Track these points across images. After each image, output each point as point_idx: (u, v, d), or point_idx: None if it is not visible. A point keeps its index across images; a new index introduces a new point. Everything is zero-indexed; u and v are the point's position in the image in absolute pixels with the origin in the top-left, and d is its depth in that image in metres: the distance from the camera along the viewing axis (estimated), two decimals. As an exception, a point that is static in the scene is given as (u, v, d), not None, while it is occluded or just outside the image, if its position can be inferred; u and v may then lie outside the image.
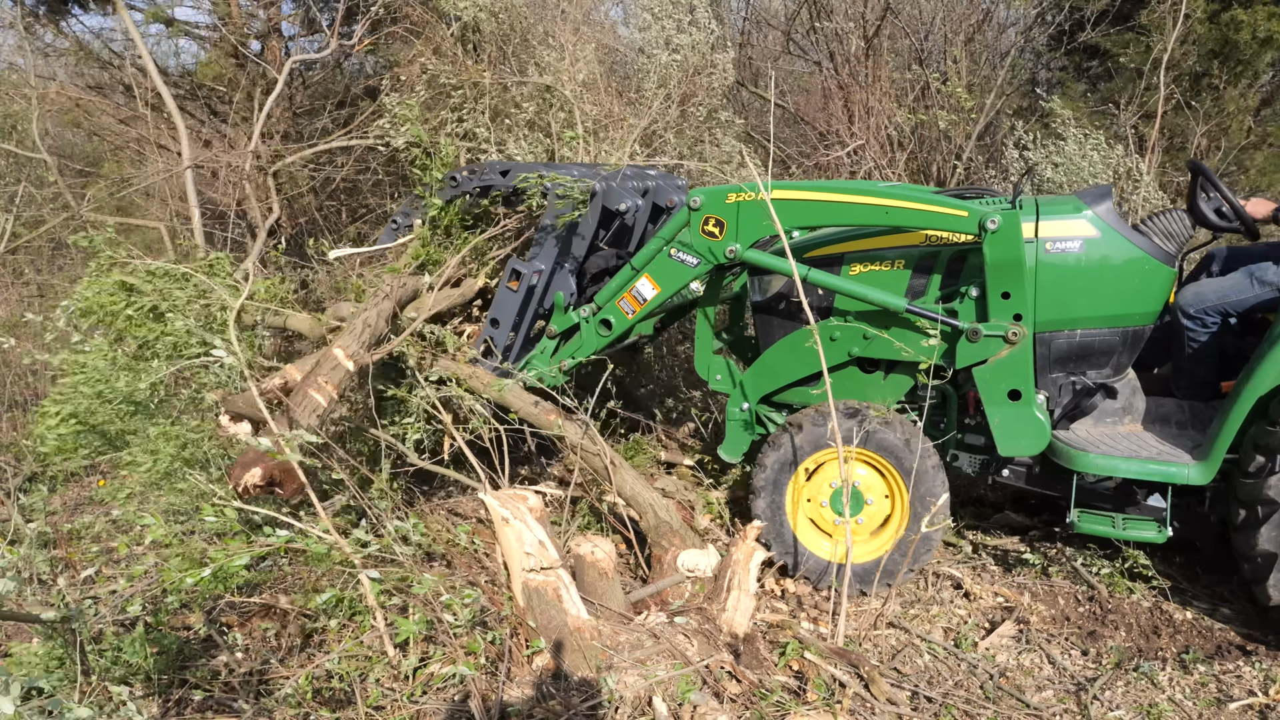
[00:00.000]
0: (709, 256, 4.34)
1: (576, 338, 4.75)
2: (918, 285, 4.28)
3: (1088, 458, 3.96)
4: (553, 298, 4.83)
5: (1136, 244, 4.02)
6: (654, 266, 4.48)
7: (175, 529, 3.54)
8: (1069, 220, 4.06)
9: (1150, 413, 4.31)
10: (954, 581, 4.47)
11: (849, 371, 4.45)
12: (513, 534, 3.36)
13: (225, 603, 3.91)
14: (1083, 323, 4.09)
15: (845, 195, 4.11)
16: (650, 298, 4.52)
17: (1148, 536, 4.00)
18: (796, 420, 4.31)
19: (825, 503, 4.33)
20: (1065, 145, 7.29)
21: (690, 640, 3.37)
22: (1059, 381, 4.23)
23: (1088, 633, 4.03)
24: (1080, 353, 4.16)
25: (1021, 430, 4.07)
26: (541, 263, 4.76)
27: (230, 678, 3.40)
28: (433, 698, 3.16)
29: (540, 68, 7.06)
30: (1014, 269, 3.88)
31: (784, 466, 4.29)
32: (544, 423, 4.41)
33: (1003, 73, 8.58)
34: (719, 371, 4.83)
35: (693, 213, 4.33)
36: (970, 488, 5.31)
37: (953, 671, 3.72)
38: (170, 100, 7.19)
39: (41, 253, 8.18)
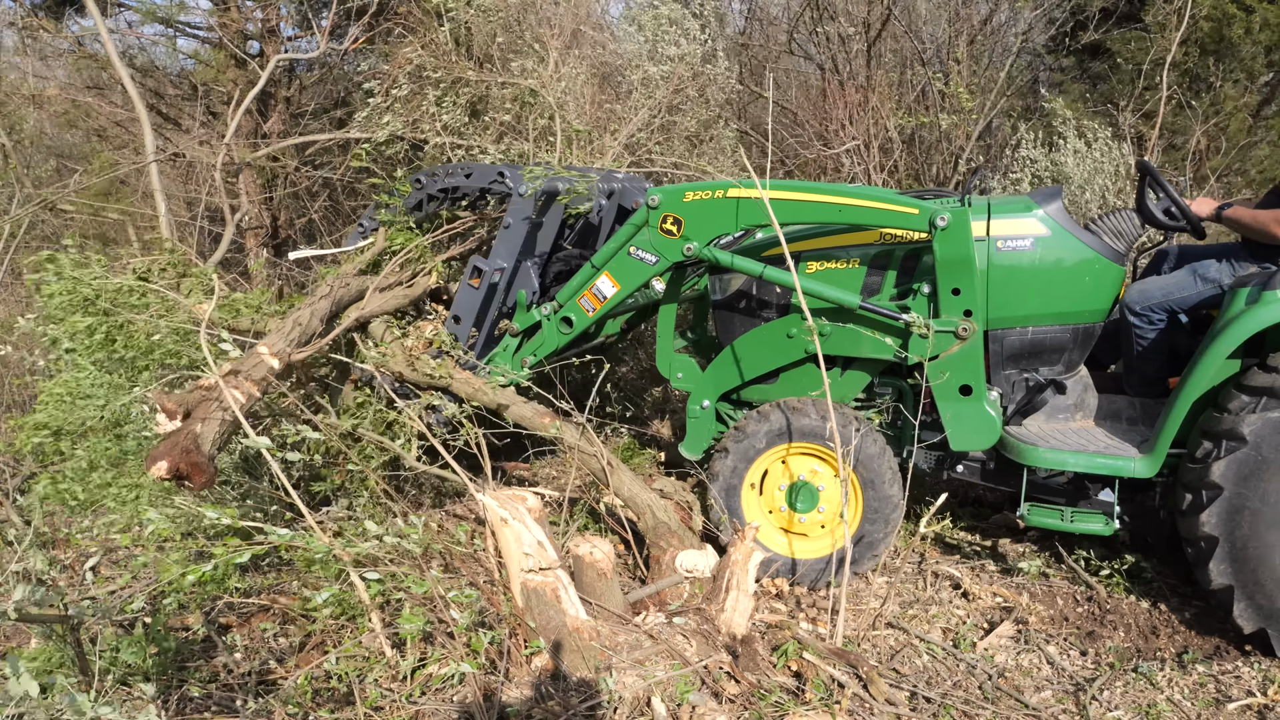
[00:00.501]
0: (667, 254, 4.40)
1: (538, 335, 4.79)
2: (873, 283, 4.36)
3: (1037, 452, 4.02)
4: (515, 296, 4.87)
5: (1087, 243, 4.10)
6: (614, 264, 4.53)
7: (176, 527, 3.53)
8: (1019, 219, 4.14)
9: (1102, 409, 4.38)
10: (953, 582, 4.47)
11: (806, 369, 4.52)
12: (511, 534, 3.36)
13: (224, 603, 3.91)
14: (1034, 320, 4.17)
15: (800, 194, 4.17)
16: (610, 295, 4.57)
17: (1095, 529, 4.05)
18: (754, 415, 4.39)
19: (782, 499, 4.41)
20: (1066, 144, 7.30)
21: (689, 641, 3.37)
22: (1012, 378, 4.31)
23: (1086, 633, 4.03)
24: (1032, 349, 4.23)
25: (973, 425, 4.14)
26: (503, 260, 4.79)
27: (230, 678, 3.40)
28: (431, 698, 3.16)
29: (526, 72, 7.07)
30: (963, 266, 3.95)
31: (741, 461, 4.39)
32: (540, 426, 4.42)
33: (1003, 73, 8.58)
34: (680, 370, 4.90)
35: (651, 211, 4.39)
36: (968, 488, 5.31)
37: (951, 672, 3.72)
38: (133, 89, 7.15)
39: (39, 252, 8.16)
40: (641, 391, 6.86)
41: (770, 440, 4.34)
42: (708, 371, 4.73)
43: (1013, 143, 7.86)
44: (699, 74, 7.85)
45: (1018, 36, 9.03)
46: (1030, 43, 9.26)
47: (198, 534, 3.83)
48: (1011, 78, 8.88)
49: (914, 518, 4.91)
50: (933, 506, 4.14)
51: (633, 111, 7.38)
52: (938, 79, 8.72)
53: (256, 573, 4.24)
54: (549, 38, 7.45)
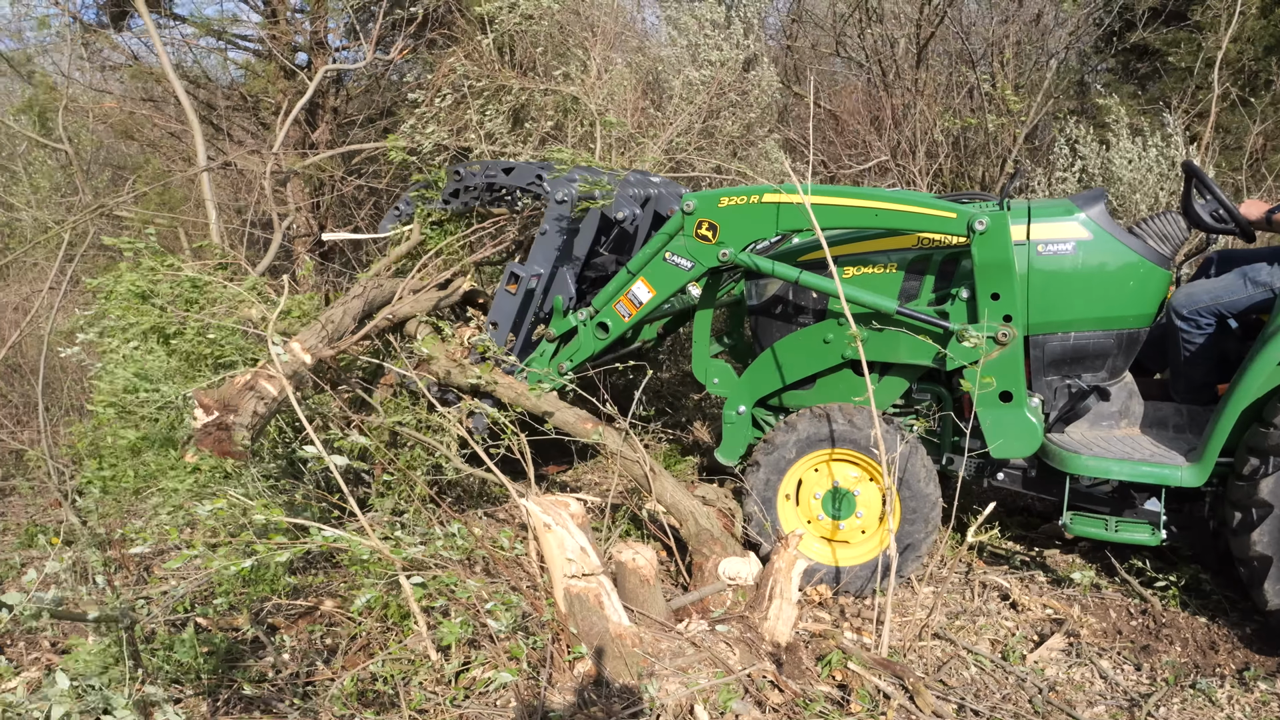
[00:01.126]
0: (702, 259, 4.38)
1: (574, 340, 4.79)
2: (910, 288, 4.31)
3: (1080, 460, 3.95)
4: (551, 301, 4.88)
5: (1130, 246, 4.02)
6: (649, 270, 4.52)
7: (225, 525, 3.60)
8: (1060, 222, 4.07)
9: (1147, 416, 4.29)
10: (1001, 592, 4.39)
11: (843, 374, 4.48)
12: (554, 540, 3.36)
13: (272, 605, 3.97)
14: (1076, 325, 4.10)
15: (836, 199, 4.13)
16: (646, 301, 4.56)
17: (1141, 539, 3.97)
18: (791, 420, 4.36)
19: (819, 507, 4.37)
20: (1119, 144, 7.16)
21: (732, 649, 3.34)
22: (1054, 384, 4.24)
23: (1141, 647, 3.93)
24: (1074, 355, 4.16)
25: (1013, 432, 4.07)
26: (540, 266, 4.81)
27: (277, 679, 3.45)
28: (475, 702, 3.18)
29: (569, 79, 7.11)
30: (1002, 270, 3.90)
31: (777, 467, 4.36)
32: (582, 432, 4.43)
33: (1050, 75, 8.45)
34: (716, 375, 4.87)
35: (686, 217, 4.38)
36: (1017, 498, 5.22)
37: (1000, 684, 3.65)
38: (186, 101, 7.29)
39: (96, 260, 8.38)
40: (681, 397, 6.85)
41: (800, 449, 4.31)
42: (744, 377, 4.71)
43: (1060, 145, 7.72)
44: (741, 78, 7.82)
45: (1064, 38, 8.88)
46: (1077, 43, 9.10)
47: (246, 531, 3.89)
48: (1059, 78, 8.73)
49: (961, 527, 4.84)
50: (980, 516, 4.07)
51: (673, 117, 7.39)
52: (985, 80, 8.61)
53: (304, 574, 4.30)
54: (591, 44, 7.49)
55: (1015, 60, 8.85)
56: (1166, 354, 4.29)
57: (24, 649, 4.02)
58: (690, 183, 7.21)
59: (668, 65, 8.05)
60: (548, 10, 7.44)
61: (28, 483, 6.24)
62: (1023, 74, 8.93)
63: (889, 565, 3.71)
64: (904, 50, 8.99)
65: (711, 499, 4.62)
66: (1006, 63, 8.70)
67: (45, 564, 2.45)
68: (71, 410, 7.62)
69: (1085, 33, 9.10)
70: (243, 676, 3.45)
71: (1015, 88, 8.36)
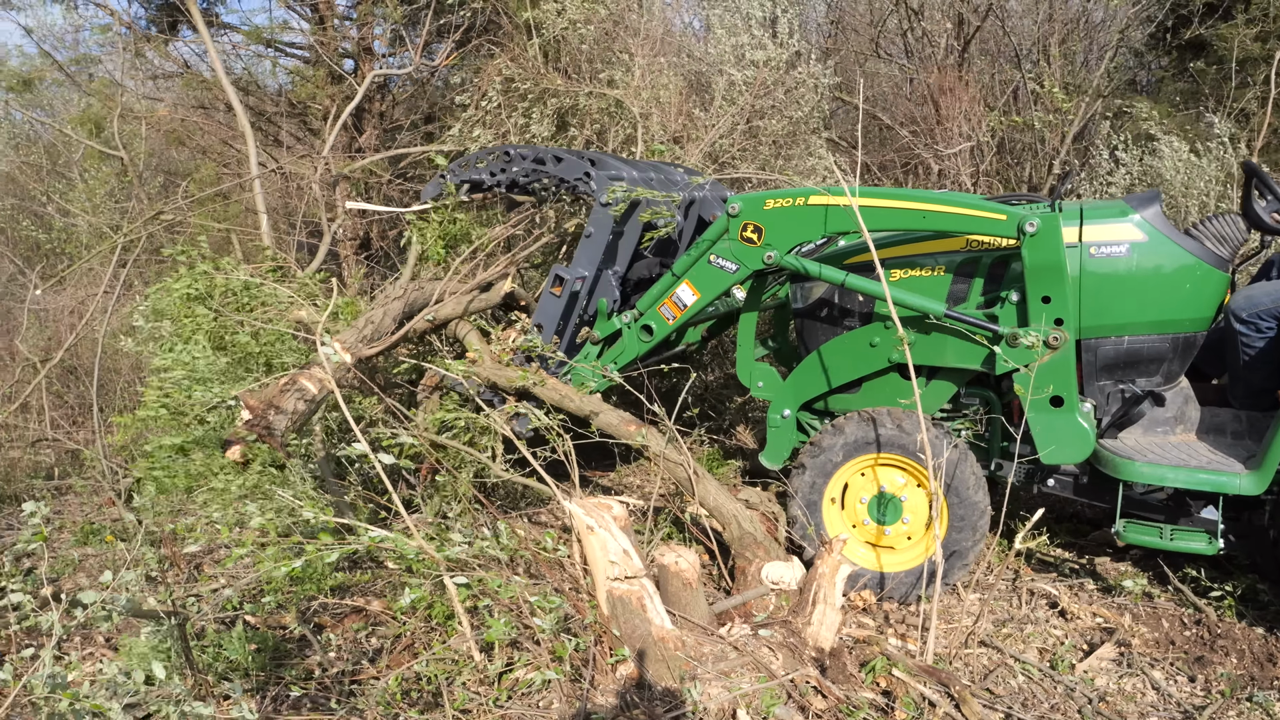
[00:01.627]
0: (747, 262, 4.36)
1: (619, 343, 4.81)
2: (959, 291, 4.26)
3: (1134, 466, 3.87)
4: (595, 304, 4.90)
5: (1187, 248, 3.94)
6: (694, 273, 4.52)
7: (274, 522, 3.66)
8: (1114, 224, 4.00)
9: (1204, 422, 4.19)
10: (1049, 600, 4.32)
11: (889, 378, 4.44)
12: (597, 542, 3.37)
13: (319, 604, 4.03)
14: (1130, 329, 4.02)
15: (884, 200, 4.09)
16: (690, 304, 4.56)
17: (1197, 548, 3.87)
18: (838, 424, 4.32)
19: (864, 512, 4.33)
20: (1163, 147, 7.02)
21: (775, 653, 3.33)
22: (1106, 389, 4.16)
23: (1195, 658, 3.84)
24: (1128, 360, 4.08)
25: (1064, 438, 3.99)
26: (584, 268, 4.83)
27: (324, 677, 3.50)
28: (518, 703, 3.19)
29: (612, 83, 7.13)
30: (1054, 273, 3.84)
31: (823, 471, 4.33)
32: (626, 434, 4.43)
33: (1098, 74, 8.29)
34: (761, 378, 4.83)
35: (731, 219, 4.37)
36: (1066, 504, 5.13)
37: (1049, 694, 3.59)
38: (239, 106, 7.45)
39: (149, 264, 8.57)
40: (725, 400, 6.84)
41: (847, 453, 4.27)
42: (789, 380, 4.68)
43: (1100, 150, 7.59)
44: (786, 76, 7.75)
45: (1115, 34, 8.71)
46: (1128, 40, 8.92)
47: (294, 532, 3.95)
48: (1109, 76, 8.57)
49: (1008, 533, 4.77)
50: (1029, 522, 4.00)
51: (716, 118, 7.37)
52: (1031, 78, 8.48)
53: (350, 573, 4.35)
54: (635, 47, 7.50)
55: (1063, 58, 8.70)
56: (1224, 358, 4.20)
57: (79, 644, 4.11)
58: (734, 185, 7.20)
59: (711, 65, 8.03)
60: (593, 14, 7.48)
61: (83, 482, 6.40)
62: (1071, 72, 8.78)
63: (934, 572, 3.67)
64: (945, 49, 8.88)
65: (755, 503, 4.60)
66: (1054, 60, 8.56)
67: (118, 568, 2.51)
68: (125, 411, 7.80)
69: (1135, 28, 8.92)
70: (290, 674, 3.50)
71: (1064, 86, 8.22)
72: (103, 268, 8.44)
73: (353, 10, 9.42)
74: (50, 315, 8.86)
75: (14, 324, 8.65)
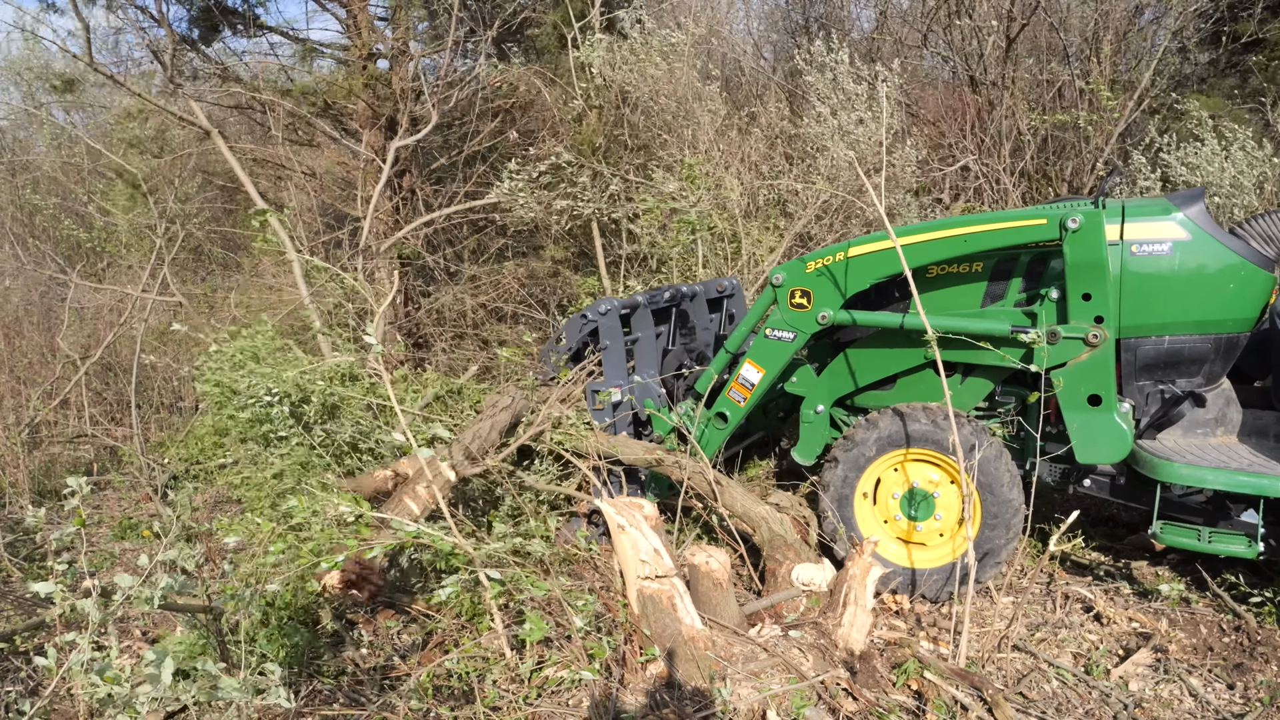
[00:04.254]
0: (803, 328, 4.38)
1: (696, 437, 4.70)
2: (996, 289, 4.24)
3: (1173, 467, 3.81)
4: (643, 410, 4.83)
5: (1231, 248, 3.88)
6: (754, 350, 4.52)
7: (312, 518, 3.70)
8: (1157, 222, 3.95)
9: (1246, 424, 4.13)
10: (1084, 604, 4.26)
11: (924, 375, 4.43)
12: (628, 541, 3.38)
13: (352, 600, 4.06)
14: (1171, 328, 3.97)
15: (922, 235, 4.09)
16: (757, 381, 4.56)
17: (1236, 551, 3.81)
18: (872, 419, 4.30)
19: (896, 507, 4.32)
20: (1203, 147, 6.90)
21: (805, 655, 3.32)
22: (1146, 389, 4.11)
23: (1234, 665, 3.77)
24: (1169, 360, 4.03)
25: (1101, 437, 3.94)
26: (616, 378, 4.76)
27: (357, 672, 3.53)
28: (548, 701, 3.21)
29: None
30: (1096, 270, 3.80)
31: (855, 466, 4.31)
32: (651, 462, 4.52)
33: (1149, 71, 8.15)
34: (796, 374, 4.83)
35: (777, 289, 4.39)
36: (1101, 506, 5.07)
37: (1083, 700, 3.54)
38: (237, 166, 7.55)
39: (187, 264, 8.71)
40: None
41: (881, 448, 4.25)
42: (823, 376, 4.67)
43: (1148, 144, 7.46)
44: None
45: (1167, 31, 8.57)
46: (1181, 38, 8.77)
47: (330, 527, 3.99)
48: (1159, 74, 8.42)
49: (1042, 536, 4.71)
50: (1063, 525, 3.95)
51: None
52: (1078, 75, 8.37)
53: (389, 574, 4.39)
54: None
55: (1112, 55, 8.57)
56: (1269, 360, 4.13)
57: (117, 638, 4.18)
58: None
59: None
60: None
61: (121, 477, 6.51)
62: (1119, 70, 8.65)
63: (968, 571, 3.63)
64: (992, 45, 8.78)
65: (785, 506, 4.59)
66: (1104, 58, 8.43)
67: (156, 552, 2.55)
68: (162, 408, 7.93)
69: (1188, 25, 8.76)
70: (324, 670, 3.54)
71: (1111, 84, 8.10)
72: (141, 266, 8.60)
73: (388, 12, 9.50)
74: (90, 313, 9.03)
75: (55, 321, 8.82)
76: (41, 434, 7.23)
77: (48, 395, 7.38)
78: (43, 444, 7.16)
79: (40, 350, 8.64)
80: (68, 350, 7.66)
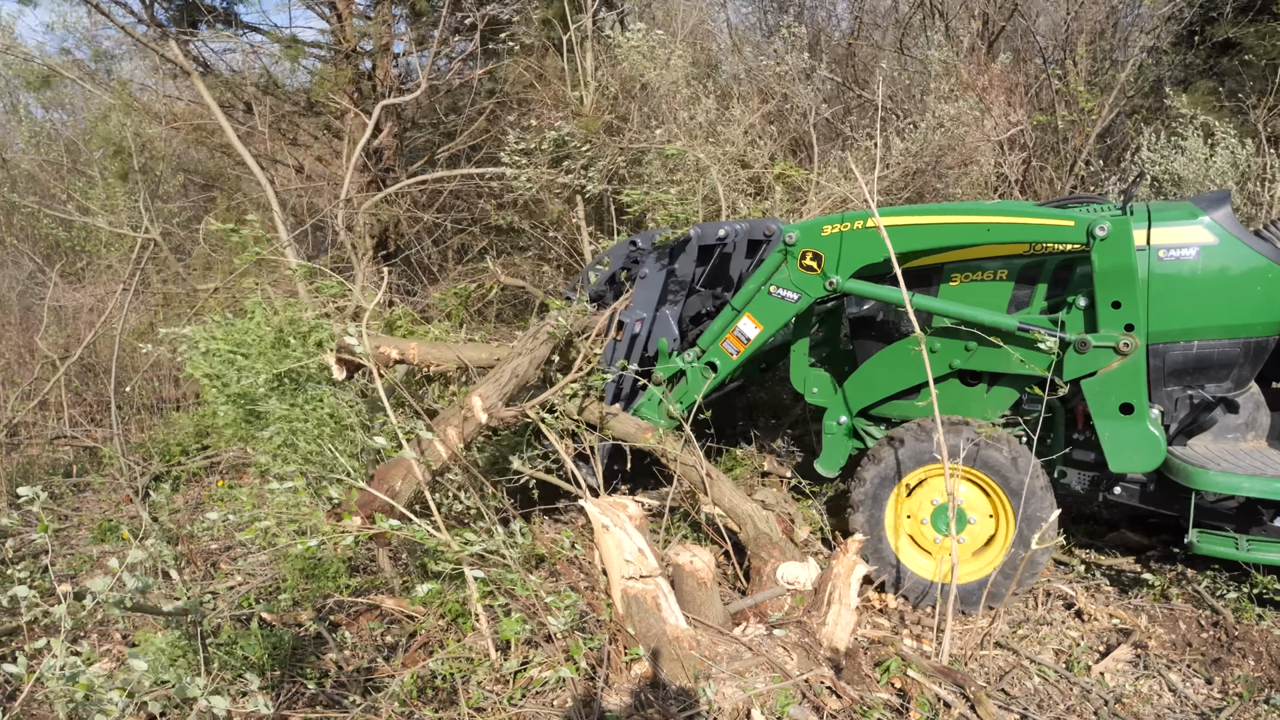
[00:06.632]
0: (809, 290, 4.33)
1: (683, 383, 4.74)
2: (1021, 296, 4.18)
3: (1207, 475, 3.77)
4: (655, 344, 4.84)
5: (1259, 250, 3.85)
6: (755, 305, 4.48)
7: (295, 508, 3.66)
8: (1184, 226, 3.91)
9: (1276, 429, 4.11)
10: (1065, 601, 4.29)
11: (950, 384, 4.35)
12: (612, 541, 3.38)
13: (333, 601, 4.05)
14: (1200, 333, 3.93)
15: (944, 218, 4.04)
16: (753, 337, 4.52)
17: (1275, 559, 3.79)
18: (898, 434, 4.21)
19: (926, 520, 4.23)
20: (1187, 146, 6.96)
21: (789, 653, 3.32)
22: (1175, 395, 4.06)
23: (1212, 660, 3.81)
24: (1197, 365, 3.99)
25: (1134, 446, 3.90)
26: (642, 310, 4.79)
27: (340, 675, 3.52)
28: (532, 701, 3.20)
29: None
30: (1125, 277, 3.76)
31: (884, 482, 4.20)
32: (641, 440, 4.45)
33: (1124, 72, 8.22)
34: (816, 385, 4.76)
35: (789, 249, 4.33)
36: (1082, 504, 5.10)
37: (1064, 696, 3.57)
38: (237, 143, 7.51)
39: (167, 263, 8.63)
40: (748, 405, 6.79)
41: (910, 463, 4.15)
42: (845, 387, 4.57)
43: (1133, 146, 7.51)
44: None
45: (1143, 33, 8.63)
46: (1157, 39, 8.84)
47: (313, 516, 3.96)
48: (1140, 73, 8.48)
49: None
50: (1045, 523, 3.98)
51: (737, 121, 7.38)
52: (1055, 74, 8.42)
53: (364, 573, 4.37)
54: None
55: (1089, 57, 8.63)
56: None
57: (96, 640, 4.15)
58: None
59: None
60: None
61: (101, 479, 6.45)
62: (1097, 71, 8.70)
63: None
64: (969, 47, 8.82)
65: (771, 503, 4.59)
66: (1080, 59, 8.48)
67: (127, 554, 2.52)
68: (142, 408, 7.87)
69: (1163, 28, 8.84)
70: (306, 672, 3.52)
71: (1088, 84, 8.15)
72: (121, 265, 8.52)
73: (371, 10, 9.46)
74: (70, 312, 8.95)
75: (34, 321, 8.74)
76: (20, 435, 7.16)
77: (26, 396, 7.30)
78: (21, 445, 7.09)
79: (18, 350, 8.55)
80: (47, 350, 7.59)
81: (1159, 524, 4.85)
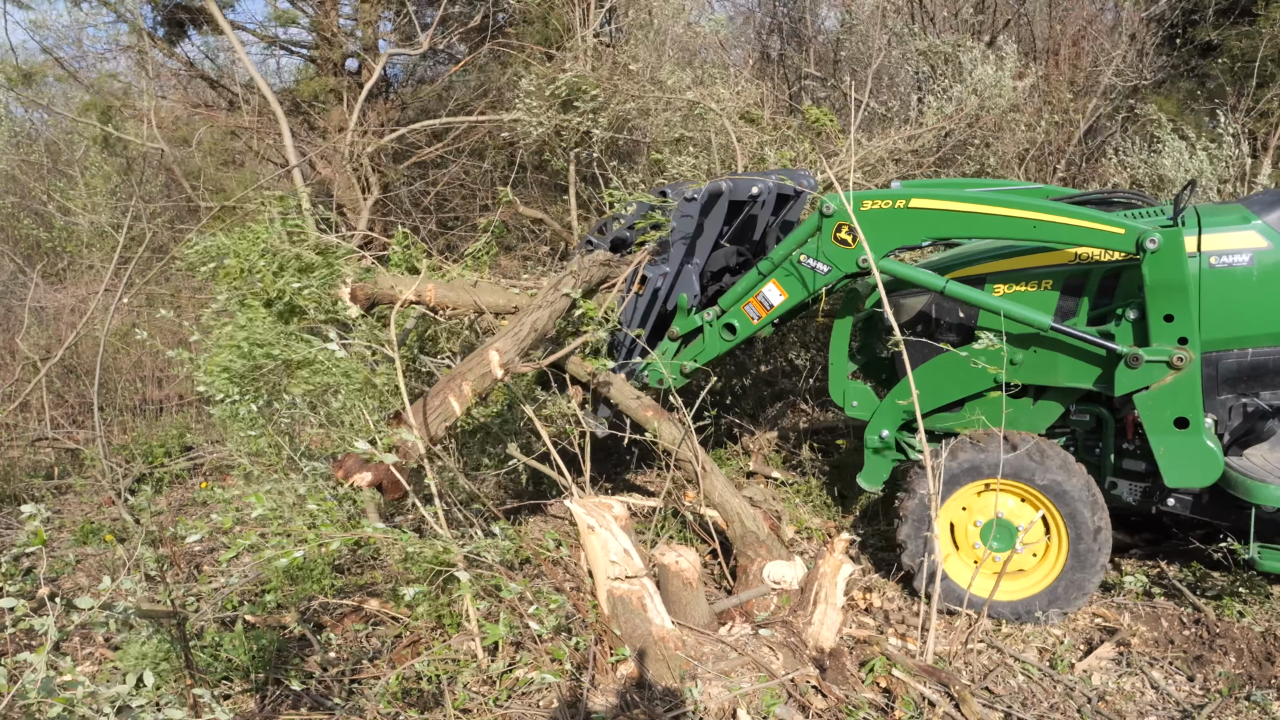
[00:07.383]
0: (840, 264, 4.17)
1: (698, 341, 4.63)
2: (1067, 307, 4.05)
3: (1269, 489, 3.66)
4: (676, 299, 4.71)
5: None
6: (782, 273, 4.33)
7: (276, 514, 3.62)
8: (1235, 232, 3.80)
9: None
10: (1049, 600, 4.31)
11: (996, 396, 4.17)
12: (598, 542, 3.37)
13: (318, 603, 4.03)
14: (1254, 341, 3.84)
15: (991, 208, 3.88)
16: (777, 304, 4.38)
17: None
18: (953, 448, 4.07)
19: (974, 531, 4.13)
20: (1165, 147, 7.02)
21: (775, 653, 3.33)
22: (1229, 404, 3.94)
23: (1194, 657, 3.84)
24: (1252, 373, 3.88)
25: (1190, 460, 3.77)
26: (669, 265, 4.65)
27: (324, 676, 3.50)
28: (518, 702, 3.20)
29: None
30: (1178, 290, 3.63)
31: (922, 515, 4.08)
32: (641, 418, 4.34)
33: (1107, 74, 8.28)
34: (855, 397, 4.61)
35: (825, 219, 4.15)
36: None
37: (1048, 694, 3.59)
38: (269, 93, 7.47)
39: (150, 263, 8.57)
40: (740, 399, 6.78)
41: (957, 479, 4.04)
42: (887, 400, 4.44)
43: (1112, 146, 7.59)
44: None
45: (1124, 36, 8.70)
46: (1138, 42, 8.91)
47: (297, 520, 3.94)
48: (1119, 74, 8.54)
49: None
50: (1029, 523, 4.00)
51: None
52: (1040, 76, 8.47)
53: (349, 573, 4.35)
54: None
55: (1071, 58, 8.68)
56: None
57: (79, 644, 4.12)
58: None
59: None
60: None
61: (83, 481, 6.40)
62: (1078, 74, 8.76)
63: (934, 569, 3.63)
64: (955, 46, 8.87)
65: (759, 501, 4.58)
66: (1062, 60, 8.54)
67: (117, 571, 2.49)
68: (125, 410, 7.80)
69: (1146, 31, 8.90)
70: (290, 674, 3.51)
71: (1070, 84, 8.20)
72: (104, 265, 8.46)
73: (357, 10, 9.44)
74: (51, 314, 8.87)
75: (15, 322, 8.66)
76: (0, 437, 7.09)
77: (7, 398, 7.24)
78: (1, 448, 7.02)
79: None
80: (28, 351, 7.52)
81: (1141, 523, 4.88)
